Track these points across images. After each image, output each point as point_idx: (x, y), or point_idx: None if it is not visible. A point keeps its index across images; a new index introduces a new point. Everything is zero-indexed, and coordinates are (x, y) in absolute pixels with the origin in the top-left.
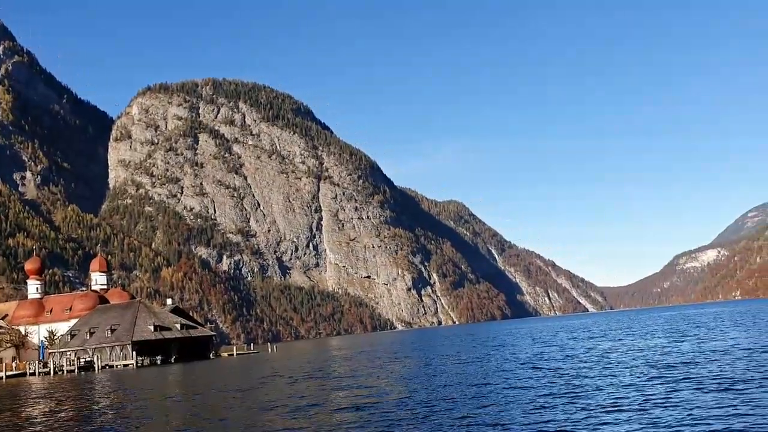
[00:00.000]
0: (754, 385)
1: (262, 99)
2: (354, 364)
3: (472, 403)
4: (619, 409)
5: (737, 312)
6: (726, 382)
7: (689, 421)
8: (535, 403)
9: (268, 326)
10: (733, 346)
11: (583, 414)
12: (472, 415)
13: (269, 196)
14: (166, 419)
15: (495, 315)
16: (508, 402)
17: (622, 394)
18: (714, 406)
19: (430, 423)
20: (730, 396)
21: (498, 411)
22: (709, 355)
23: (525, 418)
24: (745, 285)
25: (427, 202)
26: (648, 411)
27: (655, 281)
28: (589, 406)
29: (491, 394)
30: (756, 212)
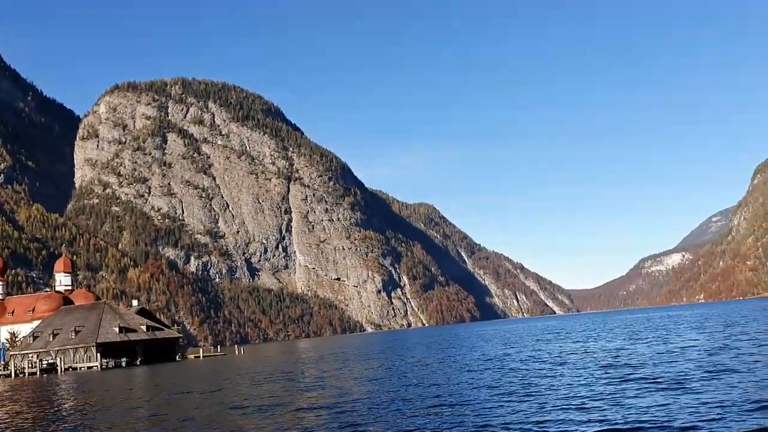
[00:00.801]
0: (697, 384)
1: (231, 99)
2: (322, 366)
3: (430, 401)
4: (568, 406)
5: (698, 315)
6: (671, 381)
7: (633, 417)
8: (490, 402)
9: (236, 328)
10: (685, 347)
11: (532, 411)
12: (430, 413)
13: (238, 196)
14: (131, 420)
15: (464, 317)
16: (466, 401)
17: (573, 393)
18: (658, 403)
19: (390, 422)
20: (673, 394)
21: (454, 410)
22: (662, 356)
23: (478, 416)
24: (708, 288)
25: (398, 205)
26: (594, 408)
27: (621, 284)
28: (540, 403)
29: (450, 394)
30: (719, 217)
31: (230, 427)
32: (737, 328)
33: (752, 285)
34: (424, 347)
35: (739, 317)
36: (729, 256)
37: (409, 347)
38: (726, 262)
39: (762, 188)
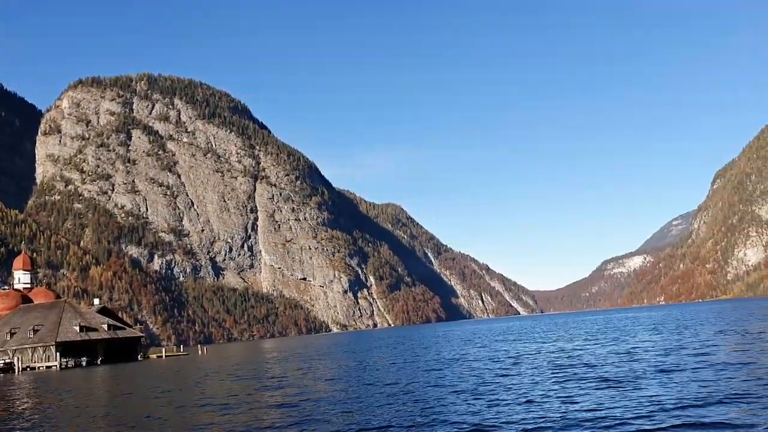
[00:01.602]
0: (640, 382)
1: (198, 96)
2: (285, 366)
3: (388, 399)
4: (517, 402)
5: (655, 317)
6: (617, 379)
7: (573, 413)
8: (446, 399)
9: (200, 328)
10: (637, 348)
11: (482, 407)
12: (386, 411)
13: (203, 195)
14: (90, 419)
15: (430, 317)
16: (423, 399)
17: (523, 390)
18: (601, 400)
19: (348, 418)
20: (617, 391)
21: (410, 407)
22: (614, 356)
23: (432, 412)
24: (668, 290)
25: (366, 205)
26: (540, 404)
27: (584, 286)
28: (490, 400)
29: (409, 392)
30: (680, 221)
31: (193, 424)
32: (690, 330)
33: (711, 288)
34: (389, 347)
35: (694, 319)
36: (689, 259)
37: (374, 347)
38: (686, 265)
39: (721, 193)
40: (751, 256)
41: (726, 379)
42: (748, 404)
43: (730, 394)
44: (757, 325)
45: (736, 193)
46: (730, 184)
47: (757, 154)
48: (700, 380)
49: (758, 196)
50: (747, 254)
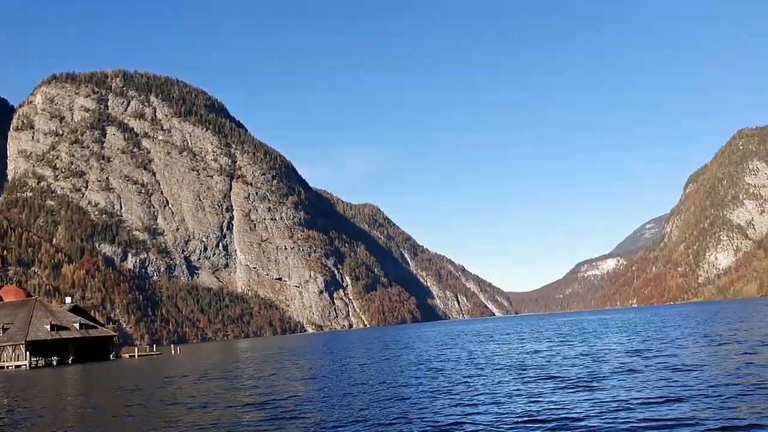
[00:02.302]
0: (603, 382)
1: (174, 93)
2: (259, 366)
3: (360, 398)
4: (483, 401)
5: (626, 320)
6: (582, 379)
7: (535, 411)
8: (416, 398)
9: (173, 327)
10: (604, 350)
11: (450, 406)
12: (356, 409)
13: (179, 193)
14: (60, 418)
15: (406, 318)
16: (395, 398)
17: (491, 390)
18: (564, 399)
19: (320, 417)
20: (580, 390)
21: (381, 405)
22: (581, 357)
23: (401, 411)
24: (641, 293)
25: (343, 205)
26: (505, 404)
27: (558, 287)
28: (457, 399)
29: (380, 392)
30: (653, 224)
31: (166, 422)
32: (658, 332)
33: (683, 290)
34: (363, 348)
35: (664, 322)
36: (661, 262)
37: (348, 348)
38: (658, 268)
39: (693, 197)
40: (722, 259)
41: (677, 380)
42: (697, 403)
43: (679, 394)
44: (719, 328)
45: (707, 198)
46: (702, 189)
47: (728, 159)
48: (655, 380)
49: (729, 200)
50: (718, 258)
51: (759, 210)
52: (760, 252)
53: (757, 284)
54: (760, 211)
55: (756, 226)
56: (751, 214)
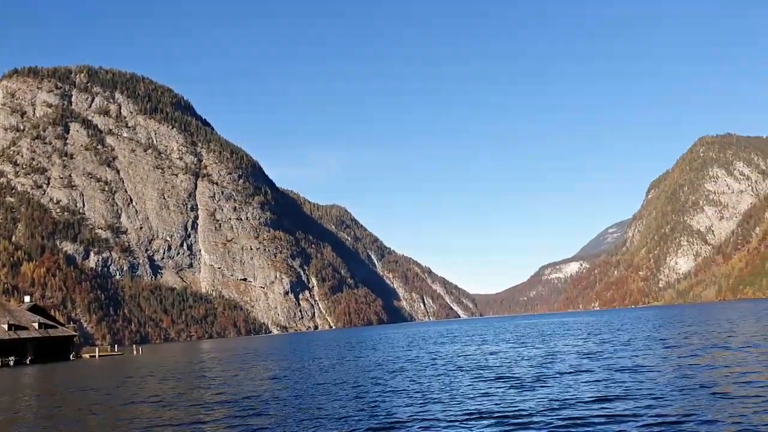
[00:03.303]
0: (550, 382)
1: (140, 90)
2: (222, 366)
3: (321, 398)
4: (436, 400)
5: (585, 322)
6: (532, 378)
7: (490, 408)
8: (376, 397)
9: (136, 327)
10: (558, 351)
11: (404, 404)
12: (317, 408)
13: (143, 191)
14: (18, 418)
15: (372, 320)
16: (355, 397)
17: (444, 388)
18: (511, 396)
19: (281, 415)
20: (527, 389)
21: (341, 404)
22: (535, 359)
23: (359, 409)
24: (603, 296)
25: (310, 206)
26: (458, 401)
27: (523, 290)
28: (410, 398)
29: (340, 391)
30: (615, 229)
31: (129, 420)
32: (614, 334)
33: (643, 294)
34: (327, 349)
35: (622, 325)
36: (623, 266)
37: (312, 349)
38: (620, 272)
39: (655, 203)
40: (682, 264)
41: (622, 380)
42: (634, 401)
43: (619, 393)
44: (673, 332)
45: (669, 204)
46: (663, 195)
47: (689, 166)
48: (601, 380)
49: (690, 206)
50: (678, 263)
51: (718, 216)
52: (718, 257)
53: (716, 289)
54: (719, 218)
55: (715, 231)
56: (711, 220)
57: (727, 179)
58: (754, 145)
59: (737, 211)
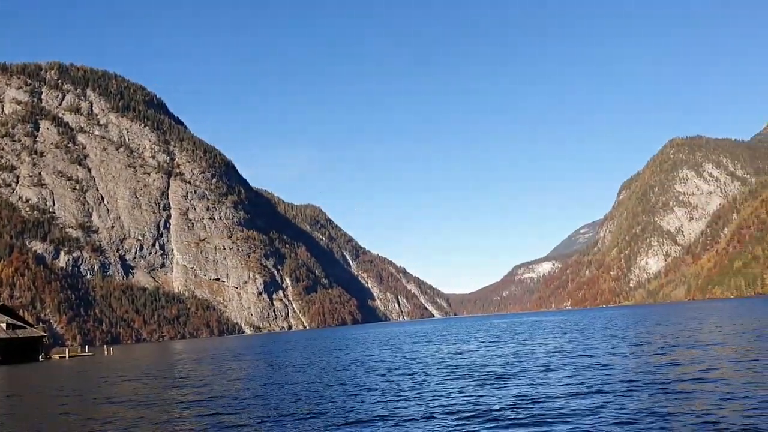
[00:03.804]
0: (511, 380)
1: (112, 88)
2: (197, 366)
3: (288, 396)
4: (405, 398)
5: (556, 321)
6: (494, 376)
7: (457, 405)
8: (343, 395)
9: (107, 328)
10: (527, 350)
11: (371, 402)
12: (291, 406)
13: (114, 190)
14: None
15: (346, 320)
16: (323, 397)
17: (414, 387)
18: (476, 394)
19: (253, 414)
20: (490, 387)
21: (311, 402)
22: (504, 357)
23: (326, 408)
24: (575, 296)
25: (284, 205)
26: (426, 399)
27: (496, 290)
28: (384, 396)
29: (309, 390)
30: (587, 229)
31: (103, 420)
32: (583, 333)
33: (615, 294)
34: (300, 349)
35: (592, 324)
36: (594, 266)
37: (286, 349)
38: (592, 272)
39: (626, 204)
40: (653, 264)
41: (589, 376)
42: (596, 397)
43: (582, 390)
44: (640, 330)
45: (639, 204)
46: (634, 196)
47: (660, 167)
48: (566, 377)
49: (660, 207)
50: (648, 263)
51: (688, 217)
52: (688, 257)
53: (685, 288)
54: (689, 218)
55: (685, 232)
56: (681, 220)
57: (696, 181)
58: (723, 147)
59: (706, 212)
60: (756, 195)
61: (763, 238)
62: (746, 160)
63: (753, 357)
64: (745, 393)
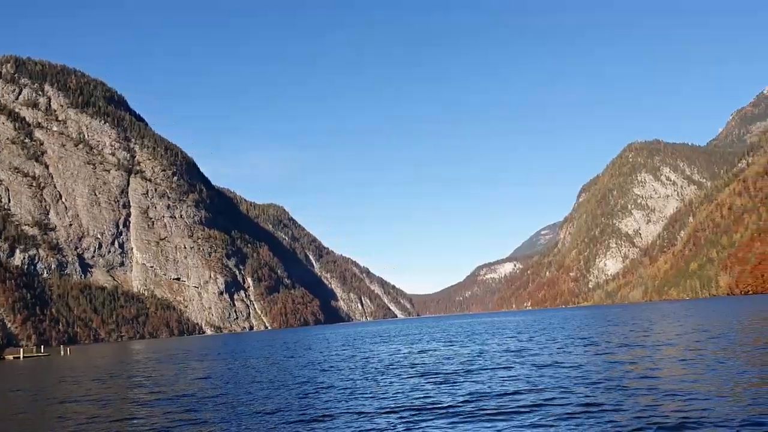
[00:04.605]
0: (460, 378)
1: (71, 83)
2: (157, 366)
3: (248, 395)
4: (359, 396)
5: (515, 321)
6: (446, 374)
7: (408, 402)
8: (298, 394)
9: (64, 328)
10: (484, 349)
11: (325, 400)
12: (243, 404)
13: (73, 187)
14: None
15: (309, 320)
16: (277, 394)
17: (369, 385)
18: (434, 391)
19: (211, 413)
20: (448, 385)
21: (265, 401)
22: (463, 356)
23: (281, 406)
24: (535, 296)
25: (246, 204)
26: (379, 396)
27: (459, 290)
28: (340, 395)
29: (265, 389)
30: (548, 230)
31: (62, 419)
32: (539, 333)
33: (574, 295)
34: (261, 349)
35: (550, 324)
36: (555, 267)
37: (247, 350)
38: (552, 273)
39: (586, 206)
40: (611, 266)
41: (539, 375)
42: (547, 393)
43: (529, 387)
44: (594, 331)
45: (599, 207)
46: (594, 198)
47: (619, 171)
48: (517, 375)
49: (618, 210)
50: (607, 264)
51: (646, 220)
52: (645, 259)
53: (642, 290)
54: (646, 221)
55: (642, 234)
56: (639, 223)
57: (654, 184)
58: (680, 152)
59: (663, 215)
60: (711, 199)
61: (718, 241)
62: (702, 165)
63: (693, 356)
64: (682, 388)
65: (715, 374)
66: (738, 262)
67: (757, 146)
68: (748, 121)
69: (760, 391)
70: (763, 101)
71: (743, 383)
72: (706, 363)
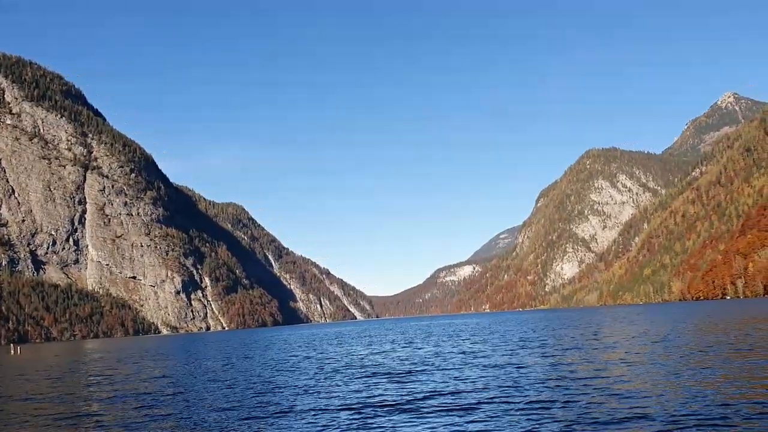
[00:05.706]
0: (416, 377)
1: (26, 76)
2: (110, 364)
3: (202, 394)
4: (313, 394)
5: (472, 324)
6: (402, 373)
7: (360, 401)
8: (252, 393)
9: (14, 326)
10: (438, 350)
11: (278, 400)
12: (199, 402)
13: (27, 182)
14: None
15: (267, 321)
16: (231, 393)
17: (320, 385)
18: (383, 391)
19: (167, 411)
20: (400, 384)
21: (218, 400)
22: (417, 357)
23: (240, 405)
24: (493, 299)
25: (205, 203)
26: (329, 395)
27: (418, 292)
28: (293, 394)
29: (220, 388)
30: (506, 234)
31: (13, 416)
32: (493, 335)
33: (531, 298)
34: (218, 350)
35: (505, 326)
36: (513, 271)
37: (203, 349)
38: (510, 276)
39: (544, 211)
40: (567, 270)
41: (485, 375)
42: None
43: (482, 385)
44: (547, 333)
45: (556, 212)
46: (552, 203)
47: (576, 177)
48: (465, 375)
49: (576, 215)
50: (564, 268)
51: (602, 225)
52: (600, 264)
53: (598, 294)
54: (602, 227)
55: (598, 240)
56: (595, 228)
57: (610, 191)
58: (636, 159)
59: (619, 221)
60: (665, 206)
61: (671, 247)
62: (657, 173)
63: (639, 359)
64: (621, 387)
65: (651, 375)
66: (690, 268)
67: (710, 156)
68: (703, 130)
69: (691, 391)
70: (717, 111)
71: (677, 383)
72: (645, 364)
